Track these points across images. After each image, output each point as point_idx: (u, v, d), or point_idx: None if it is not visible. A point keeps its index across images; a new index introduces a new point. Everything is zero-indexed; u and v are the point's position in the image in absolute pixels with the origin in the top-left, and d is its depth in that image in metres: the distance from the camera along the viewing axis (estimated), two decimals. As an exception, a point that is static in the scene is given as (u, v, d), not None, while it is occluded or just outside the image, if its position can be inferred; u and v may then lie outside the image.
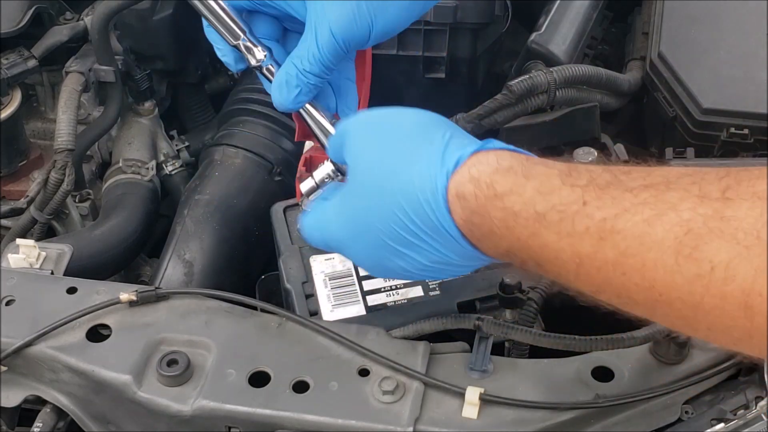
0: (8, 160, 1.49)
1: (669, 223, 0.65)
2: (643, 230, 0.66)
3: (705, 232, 0.63)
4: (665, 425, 0.91)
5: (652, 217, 0.66)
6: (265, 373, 0.92)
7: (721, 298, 0.62)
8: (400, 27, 0.93)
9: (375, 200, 0.81)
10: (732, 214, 0.62)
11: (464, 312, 0.99)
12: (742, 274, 0.61)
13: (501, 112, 1.25)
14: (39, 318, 0.98)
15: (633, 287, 0.68)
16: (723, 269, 0.62)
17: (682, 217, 0.65)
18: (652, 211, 0.66)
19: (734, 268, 0.61)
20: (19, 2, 1.46)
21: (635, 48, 1.47)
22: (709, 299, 0.63)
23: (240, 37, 0.97)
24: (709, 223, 0.63)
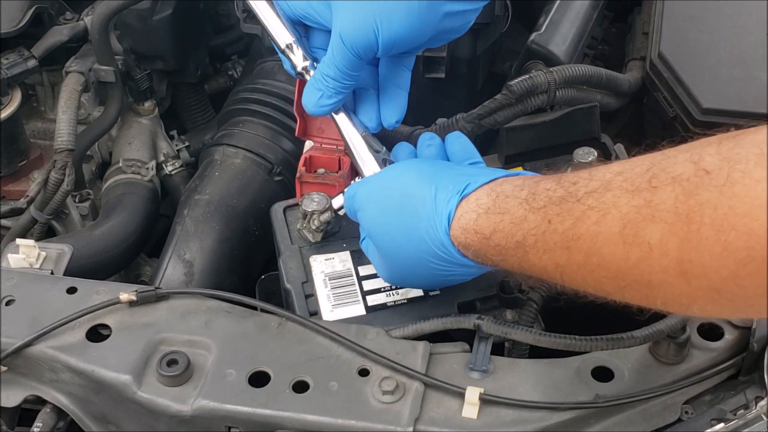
0: (8, 160, 1.48)
1: (612, 219, 0.75)
2: (595, 231, 0.77)
3: (640, 220, 0.73)
4: (665, 425, 0.91)
5: (599, 218, 0.77)
6: (265, 373, 0.92)
7: (663, 272, 0.72)
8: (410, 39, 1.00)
9: (407, 260, 0.95)
10: (658, 200, 0.72)
11: (464, 312, 0.99)
12: (673, 247, 0.71)
13: (501, 112, 1.24)
14: (39, 318, 0.98)
15: (602, 280, 0.79)
16: (658, 247, 0.72)
17: (621, 211, 0.75)
18: (597, 214, 0.77)
19: (666, 244, 0.71)
20: (19, 2, 1.46)
21: (635, 48, 1.47)
22: (655, 275, 0.73)
23: (286, 42, 1.06)
24: (642, 212, 0.73)
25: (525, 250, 0.84)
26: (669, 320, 0.92)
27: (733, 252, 0.67)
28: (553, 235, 0.81)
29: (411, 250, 0.94)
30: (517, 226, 0.85)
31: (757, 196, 0.65)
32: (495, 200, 0.89)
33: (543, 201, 0.83)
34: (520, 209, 0.85)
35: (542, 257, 0.83)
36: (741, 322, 0.96)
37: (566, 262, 0.81)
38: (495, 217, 0.87)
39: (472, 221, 0.89)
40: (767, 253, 0.65)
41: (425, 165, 0.99)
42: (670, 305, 0.76)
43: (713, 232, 0.67)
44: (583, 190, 0.80)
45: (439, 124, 1.29)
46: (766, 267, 0.65)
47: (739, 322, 0.96)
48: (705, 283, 0.70)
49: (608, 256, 0.76)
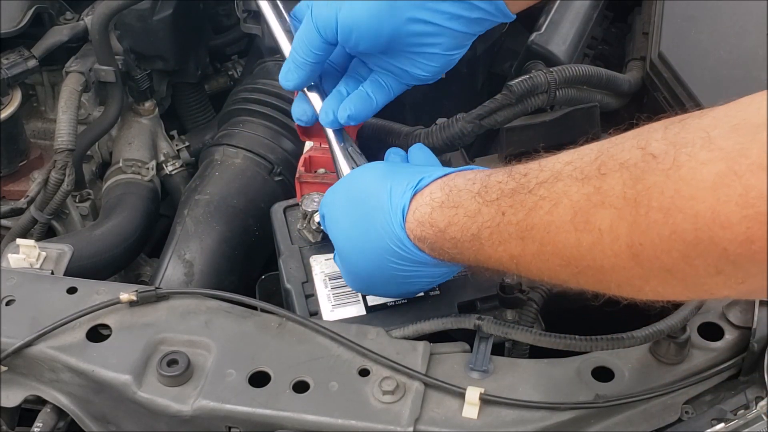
0: (8, 160, 1.48)
1: (563, 208, 0.77)
2: (547, 221, 0.79)
3: (590, 207, 0.75)
4: (665, 425, 0.91)
5: (551, 207, 0.78)
6: (265, 373, 0.92)
7: (615, 256, 0.74)
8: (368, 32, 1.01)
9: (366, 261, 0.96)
10: (607, 187, 0.74)
11: (464, 312, 0.99)
12: (623, 232, 0.72)
13: (501, 112, 1.24)
14: (39, 318, 0.98)
15: (557, 268, 0.80)
16: (608, 232, 0.73)
17: (572, 199, 0.77)
18: (549, 203, 0.79)
19: (616, 228, 0.73)
20: (19, 2, 1.46)
21: (635, 48, 1.46)
22: (607, 260, 0.74)
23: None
24: (592, 199, 0.75)
25: (480, 242, 0.86)
26: (669, 320, 0.92)
27: (681, 234, 0.68)
28: (507, 226, 0.83)
29: (369, 248, 0.94)
30: (471, 219, 0.86)
31: (703, 178, 0.66)
32: (448, 194, 0.90)
33: (495, 193, 0.85)
34: (473, 203, 0.87)
35: (497, 249, 0.84)
36: (741, 322, 0.96)
37: (521, 252, 0.82)
38: (449, 211, 0.89)
39: (426, 214, 0.90)
40: (714, 234, 0.66)
41: (382, 165, 1.01)
42: (623, 289, 0.77)
43: (661, 215, 0.69)
44: (534, 181, 0.81)
45: (439, 124, 1.28)
46: (715, 247, 0.66)
47: (739, 322, 0.96)
48: (656, 264, 0.71)
49: (561, 243, 0.78)
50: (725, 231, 0.65)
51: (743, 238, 0.65)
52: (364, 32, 1.01)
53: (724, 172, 0.65)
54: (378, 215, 0.93)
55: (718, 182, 0.65)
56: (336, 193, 1.01)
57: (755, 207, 0.63)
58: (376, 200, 0.94)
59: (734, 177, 0.64)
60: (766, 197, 0.63)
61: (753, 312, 0.95)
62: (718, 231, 0.66)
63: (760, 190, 0.63)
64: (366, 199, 0.95)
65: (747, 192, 0.64)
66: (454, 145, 1.26)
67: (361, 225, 0.95)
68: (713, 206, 0.65)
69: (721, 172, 0.65)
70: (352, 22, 1.00)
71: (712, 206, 0.65)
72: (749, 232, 0.64)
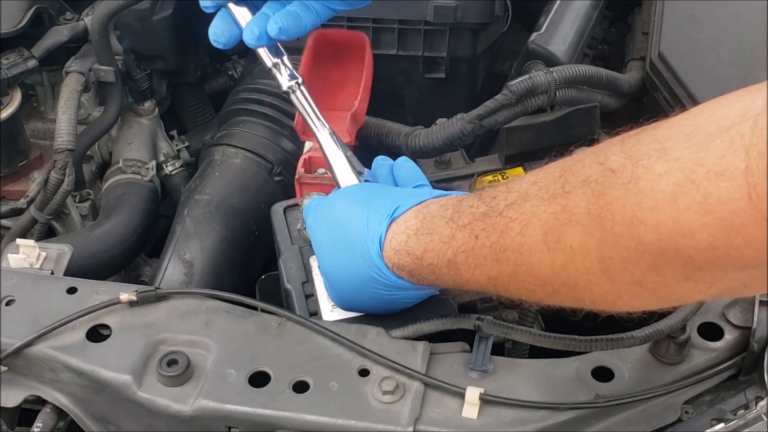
0: (8, 160, 1.48)
1: (534, 228, 0.78)
2: (520, 242, 0.79)
3: (558, 225, 0.76)
4: (665, 425, 0.91)
5: (522, 228, 0.79)
6: (265, 373, 0.92)
7: (587, 272, 0.75)
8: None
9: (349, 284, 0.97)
10: (573, 204, 0.74)
11: (464, 312, 0.99)
12: (593, 247, 0.73)
13: (501, 112, 1.24)
14: (39, 318, 0.98)
15: (533, 288, 0.81)
16: (579, 249, 0.74)
17: (541, 219, 0.77)
18: (520, 224, 0.79)
19: (586, 245, 0.74)
20: (19, 2, 1.46)
21: (635, 48, 1.47)
22: (581, 277, 0.75)
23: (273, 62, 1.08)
24: (560, 217, 0.76)
25: (457, 267, 0.87)
26: (669, 320, 0.92)
27: (646, 245, 0.69)
28: (481, 249, 0.84)
29: (350, 273, 0.95)
30: (446, 245, 0.87)
31: (661, 189, 0.67)
32: (422, 221, 0.91)
33: (468, 218, 0.86)
34: (447, 228, 0.88)
35: (474, 272, 0.85)
36: (741, 322, 0.96)
37: (497, 274, 0.83)
38: (424, 238, 0.90)
39: (402, 242, 0.91)
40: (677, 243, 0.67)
41: (361, 190, 1.01)
42: (598, 303, 0.78)
43: (625, 229, 0.70)
44: (503, 204, 0.82)
45: (439, 124, 1.29)
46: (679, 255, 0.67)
47: (739, 322, 0.96)
48: (627, 277, 0.72)
49: (535, 264, 0.79)
50: (688, 239, 0.66)
51: (706, 245, 0.66)
52: None
53: (682, 182, 0.66)
54: (357, 244, 0.94)
55: (677, 192, 0.66)
56: (318, 212, 1.01)
57: (715, 213, 0.64)
58: (354, 228, 0.95)
59: (692, 186, 0.65)
60: (724, 203, 0.64)
61: (753, 312, 0.95)
62: (681, 240, 0.67)
63: (718, 197, 0.64)
64: (345, 226, 0.96)
65: (706, 200, 0.65)
66: (454, 145, 1.27)
67: (342, 251, 0.96)
68: (674, 216, 0.66)
69: (679, 182, 0.66)
70: None
71: (672, 216, 0.66)
72: (711, 238, 0.65)
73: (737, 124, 0.64)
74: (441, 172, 1.23)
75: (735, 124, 0.65)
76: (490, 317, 0.95)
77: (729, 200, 0.63)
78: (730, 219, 0.64)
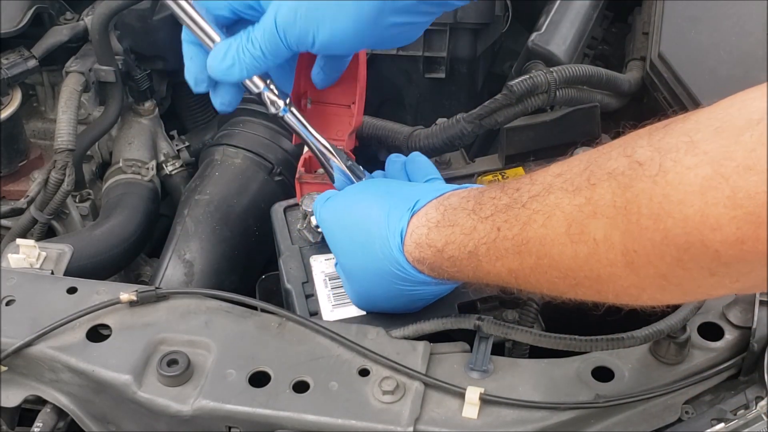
0: (8, 160, 1.48)
1: (557, 220, 0.78)
2: (542, 234, 0.79)
3: (583, 218, 0.76)
4: (665, 425, 0.91)
5: (545, 220, 0.79)
6: (265, 373, 0.92)
7: (611, 265, 0.74)
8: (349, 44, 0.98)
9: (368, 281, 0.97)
10: (598, 197, 0.74)
11: (464, 312, 0.99)
12: (617, 240, 0.73)
13: (501, 112, 1.24)
14: (39, 318, 0.98)
15: (555, 281, 0.81)
16: (603, 241, 0.74)
17: (565, 211, 0.77)
18: (543, 216, 0.79)
19: (610, 237, 0.73)
20: (19, 2, 1.46)
21: (635, 48, 1.47)
22: (604, 269, 0.75)
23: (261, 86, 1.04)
24: (584, 209, 0.75)
25: (478, 259, 0.86)
26: (669, 320, 0.92)
27: (672, 239, 0.69)
28: (503, 242, 0.83)
29: (370, 269, 0.95)
30: (468, 237, 0.87)
31: (690, 182, 0.67)
32: (444, 213, 0.91)
33: (490, 210, 0.86)
34: (468, 220, 0.87)
35: (495, 264, 0.85)
36: (741, 322, 0.96)
37: (519, 266, 0.83)
38: (446, 230, 0.89)
39: (423, 235, 0.91)
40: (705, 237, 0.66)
41: (379, 185, 1.01)
42: (621, 297, 0.78)
43: (651, 222, 0.70)
44: (526, 195, 0.82)
45: (439, 124, 1.29)
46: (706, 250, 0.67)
47: (739, 322, 0.96)
48: (651, 271, 0.72)
49: (558, 256, 0.78)
50: (715, 233, 0.66)
51: (734, 239, 0.65)
52: (346, 46, 0.99)
53: (711, 176, 0.66)
54: (376, 239, 0.93)
55: (706, 185, 0.66)
56: (333, 207, 1.00)
57: (744, 208, 0.64)
58: (374, 224, 0.94)
59: (721, 179, 0.65)
60: (753, 197, 0.64)
61: (753, 312, 0.95)
62: (709, 234, 0.66)
63: (747, 191, 0.64)
64: (364, 221, 0.95)
65: (735, 194, 0.64)
66: (454, 145, 1.27)
67: (361, 247, 0.95)
68: (702, 209, 0.66)
69: (707, 176, 0.66)
70: (333, 40, 0.96)
71: (701, 209, 0.66)
72: (739, 232, 0.65)
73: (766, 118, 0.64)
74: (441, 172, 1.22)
75: (765, 117, 0.64)
76: (490, 317, 0.95)
77: (758, 194, 0.63)
78: (759, 213, 0.64)
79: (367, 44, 1.00)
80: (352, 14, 0.95)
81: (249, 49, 0.98)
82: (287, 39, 0.97)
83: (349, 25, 0.95)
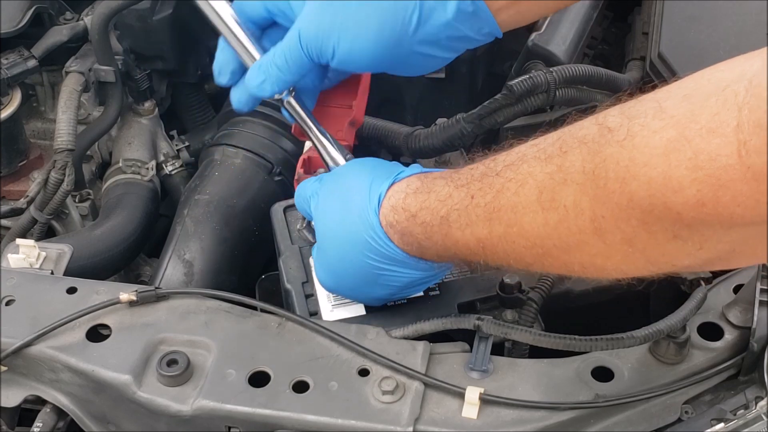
0: (8, 160, 1.48)
1: (529, 188, 0.79)
2: (514, 201, 0.80)
3: (554, 185, 0.76)
4: (665, 425, 0.91)
5: (517, 188, 0.80)
6: (265, 373, 0.92)
7: (579, 232, 0.75)
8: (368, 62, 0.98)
9: (338, 251, 0.96)
10: (568, 164, 0.75)
11: (464, 312, 0.99)
12: (586, 206, 0.74)
13: (501, 112, 1.24)
14: (39, 318, 0.98)
15: (522, 250, 0.82)
16: (573, 208, 0.75)
17: (537, 179, 0.78)
18: (516, 185, 0.80)
19: (579, 203, 0.74)
20: (19, 2, 1.46)
21: (635, 48, 1.47)
22: (573, 237, 0.76)
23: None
24: (555, 177, 0.76)
25: (449, 225, 0.87)
26: (669, 320, 0.92)
27: (637, 201, 0.70)
28: (475, 209, 0.84)
29: (343, 237, 0.94)
30: (442, 203, 0.88)
31: (655, 145, 0.68)
32: (423, 181, 0.92)
33: (466, 178, 0.87)
34: (446, 187, 0.88)
35: (465, 231, 0.86)
36: (741, 322, 0.96)
37: (487, 234, 0.84)
38: (422, 196, 0.90)
39: (400, 200, 0.91)
40: (667, 199, 0.67)
41: (371, 160, 1.01)
42: (587, 268, 0.79)
43: (618, 185, 0.70)
44: (501, 164, 0.83)
45: (439, 124, 1.29)
46: (669, 212, 0.68)
47: (739, 321, 0.96)
48: (618, 236, 0.73)
49: (528, 224, 0.79)
50: (677, 195, 0.67)
51: (695, 201, 0.66)
52: (363, 65, 0.99)
53: (675, 138, 0.67)
54: (356, 203, 0.94)
55: (669, 148, 0.67)
56: (323, 185, 1.01)
57: (705, 169, 0.65)
58: (356, 191, 0.94)
59: (684, 142, 0.66)
60: (714, 159, 0.64)
61: (753, 312, 0.95)
62: (671, 196, 0.67)
63: (709, 153, 0.65)
64: (348, 189, 0.96)
65: (696, 155, 0.65)
66: (454, 145, 1.27)
67: (340, 213, 0.95)
68: (665, 171, 0.67)
69: (672, 138, 0.67)
70: (351, 57, 0.98)
71: (664, 171, 0.67)
72: (700, 194, 0.66)
73: (733, 84, 0.65)
74: (441, 172, 1.23)
75: (731, 84, 0.65)
76: (490, 317, 0.95)
77: (719, 156, 0.64)
78: (719, 175, 0.64)
79: (385, 67, 1.00)
80: (374, 34, 0.96)
81: (276, 63, 1.00)
82: (309, 49, 0.98)
83: (369, 45, 0.96)
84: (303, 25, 0.98)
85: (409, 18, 0.95)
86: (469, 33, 0.97)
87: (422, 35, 0.96)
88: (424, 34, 0.96)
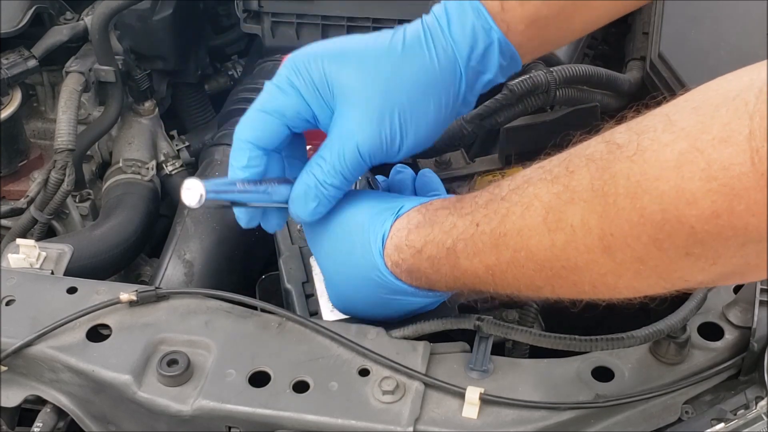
0: (8, 160, 1.49)
1: (535, 210, 0.77)
2: (520, 225, 0.79)
3: (560, 205, 0.75)
4: (665, 425, 0.91)
5: (523, 211, 0.79)
6: (265, 373, 0.92)
7: (588, 251, 0.74)
8: (430, 141, 0.96)
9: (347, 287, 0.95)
10: (575, 183, 0.74)
11: (464, 312, 0.99)
12: (594, 224, 0.73)
13: (501, 112, 1.24)
14: (39, 318, 0.98)
15: (531, 274, 0.80)
16: (580, 227, 0.74)
17: (543, 200, 0.77)
18: (521, 208, 0.79)
19: (587, 222, 0.73)
20: (19, 2, 1.46)
21: (635, 48, 1.46)
22: (581, 256, 0.75)
23: None
24: (562, 197, 0.75)
25: (456, 255, 0.85)
26: (669, 320, 0.92)
27: (649, 217, 0.68)
28: (481, 236, 0.83)
29: (351, 275, 0.93)
30: (447, 234, 0.86)
31: (666, 159, 0.67)
32: (425, 214, 0.90)
33: (470, 206, 0.85)
34: (449, 218, 0.87)
35: (473, 260, 0.84)
36: (741, 322, 0.96)
37: (496, 261, 0.82)
38: (425, 229, 0.88)
39: (403, 237, 0.90)
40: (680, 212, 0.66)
41: (366, 193, 0.98)
42: (598, 288, 0.78)
43: (628, 201, 0.69)
44: (506, 189, 0.82)
45: (439, 125, 1.28)
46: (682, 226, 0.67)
47: (739, 321, 0.96)
48: (628, 254, 0.72)
49: (535, 247, 0.78)
50: (691, 207, 0.66)
51: (709, 213, 0.65)
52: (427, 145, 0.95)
53: (687, 150, 0.66)
54: (358, 243, 0.92)
55: (681, 160, 0.66)
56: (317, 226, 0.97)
57: (719, 180, 0.64)
58: (357, 227, 0.93)
59: (696, 153, 0.65)
60: (728, 169, 0.64)
61: (753, 312, 0.95)
62: (684, 208, 0.66)
63: (722, 163, 0.64)
64: (349, 233, 0.93)
65: (710, 166, 0.64)
66: (454, 145, 1.27)
67: (342, 252, 0.94)
68: (678, 184, 0.66)
69: (683, 150, 0.66)
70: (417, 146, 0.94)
71: (676, 184, 0.66)
72: (714, 206, 0.65)
73: (743, 93, 0.64)
74: (441, 172, 1.23)
75: (741, 93, 0.65)
76: (490, 317, 0.95)
77: (732, 165, 0.63)
78: (733, 184, 0.64)
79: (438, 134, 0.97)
80: (432, 116, 0.93)
81: (332, 184, 0.93)
82: (373, 158, 0.92)
83: (431, 127, 0.93)
84: (361, 139, 0.91)
85: (457, 89, 0.93)
86: (501, 80, 0.98)
87: (467, 96, 0.96)
88: (469, 95, 0.96)
